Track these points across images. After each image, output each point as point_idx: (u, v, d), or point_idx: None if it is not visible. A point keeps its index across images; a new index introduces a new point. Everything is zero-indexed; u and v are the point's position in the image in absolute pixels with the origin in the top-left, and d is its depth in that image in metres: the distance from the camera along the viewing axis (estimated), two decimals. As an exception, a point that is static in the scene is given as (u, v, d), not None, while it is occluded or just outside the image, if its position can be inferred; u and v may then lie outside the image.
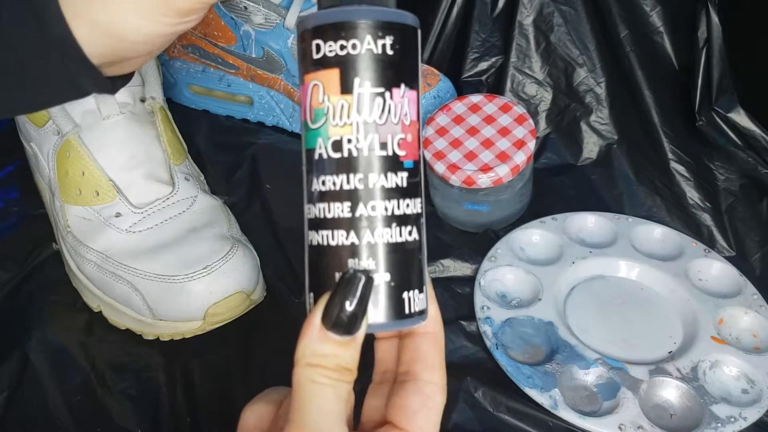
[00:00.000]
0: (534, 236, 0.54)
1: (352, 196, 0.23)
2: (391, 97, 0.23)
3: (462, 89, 0.63)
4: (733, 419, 0.41)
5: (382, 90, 0.23)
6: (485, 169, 0.51)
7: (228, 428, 0.43)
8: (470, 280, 0.51)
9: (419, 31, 0.25)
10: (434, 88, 0.60)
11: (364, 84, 0.23)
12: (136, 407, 0.44)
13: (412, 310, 0.24)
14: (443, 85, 0.60)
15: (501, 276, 0.51)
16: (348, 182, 0.23)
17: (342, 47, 0.23)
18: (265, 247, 0.51)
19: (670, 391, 0.43)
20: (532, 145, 0.52)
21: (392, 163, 0.24)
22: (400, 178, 0.24)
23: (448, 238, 0.54)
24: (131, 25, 0.26)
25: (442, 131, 0.54)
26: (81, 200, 0.48)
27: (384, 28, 0.23)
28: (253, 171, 0.61)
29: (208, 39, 0.61)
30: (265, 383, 0.45)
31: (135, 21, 0.26)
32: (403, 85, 0.24)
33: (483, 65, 0.65)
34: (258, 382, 0.45)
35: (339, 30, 0.23)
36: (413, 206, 0.24)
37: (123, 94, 0.50)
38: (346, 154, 0.23)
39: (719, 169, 0.57)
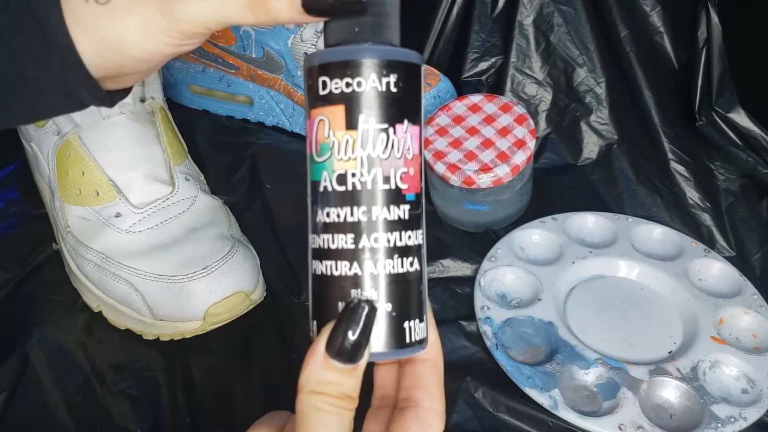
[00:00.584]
0: (534, 236, 0.54)
1: (355, 228, 0.24)
2: (395, 133, 0.24)
3: (462, 89, 0.63)
4: (733, 419, 0.41)
5: (385, 126, 0.24)
6: (485, 169, 0.51)
7: (228, 428, 0.43)
8: (470, 280, 0.51)
9: (422, 68, 0.26)
10: (434, 88, 0.60)
11: (369, 120, 0.24)
12: (136, 407, 0.44)
13: (413, 339, 0.25)
14: (443, 85, 0.60)
15: (501, 276, 0.51)
16: (352, 214, 0.24)
17: (348, 84, 0.24)
18: (265, 247, 0.51)
19: (670, 391, 0.43)
20: (532, 145, 0.52)
21: (395, 196, 0.24)
22: (403, 211, 0.25)
23: (448, 238, 0.54)
24: (135, 41, 0.26)
25: (442, 131, 0.54)
26: (81, 200, 0.48)
27: (388, 66, 0.24)
28: (253, 171, 0.61)
29: (208, 39, 0.61)
30: (265, 383, 0.45)
31: (139, 38, 0.26)
32: (406, 121, 0.25)
33: (483, 65, 0.65)
34: (258, 382, 0.45)
35: (345, 68, 0.24)
36: (415, 238, 0.25)
37: (123, 94, 0.50)
38: (350, 188, 0.24)
39: (719, 169, 0.57)
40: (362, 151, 0.24)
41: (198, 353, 0.47)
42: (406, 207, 0.25)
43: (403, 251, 0.25)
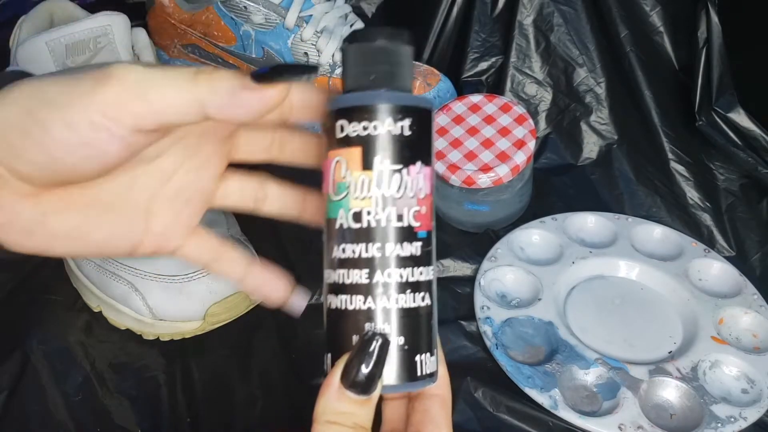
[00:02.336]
0: (534, 236, 0.54)
1: (370, 264, 0.25)
2: (408, 174, 0.25)
3: (462, 89, 0.63)
4: (733, 419, 0.41)
5: (399, 167, 0.25)
6: (485, 169, 0.51)
7: (228, 428, 0.43)
8: (470, 280, 0.51)
9: (434, 112, 0.27)
10: (434, 88, 0.60)
11: (384, 162, 0.25)
12: (136, 407, 0.44)
13: (424, 373, 0.26)
14: (443, 85, 0.60)
15: (501, 276, 0.51)
16: (367, 251, 0.25)
17: (364, 128, 0.25)
18: (265, 247, 0.51)
19: (670, 391, 0.43)
20: (532, 145, 0.52)
21: (408, 234, 0.25)
22: (415, 248, 0.25)
23: (448, 238, 0.54)
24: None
25: (442, 131, 0.54)
26: (81, 200, 0.48)
27: (403, 111, 0.25)
28: (253, 170, 0.61)
29: (208, 39, 0.61)
30: (265, 383, 0.45)
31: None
32: (418, 163, 0.26)
33: (483, 65, 0.65)
34: (258, 382, 0.45)
35: (362, 112, 0.25)
36: (426, 273, 0.26)
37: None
38: (365, 225, 0.25)
39: (719, 169, 0.57)
40: (377, 191, 0.25)
41: (198, 353, 0.47)
42: (419, 244, 0.25)
43: (415, 286, 0.25)
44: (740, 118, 0.54)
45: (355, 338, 0.25)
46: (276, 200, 0.31)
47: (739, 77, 0.55)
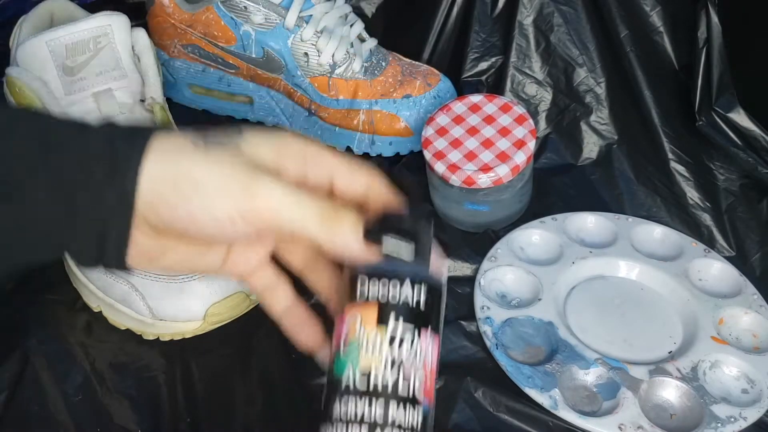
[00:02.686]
0: (534, 236, 0.54)
1: (370, 427, 0.25)
2: (419, 342, 0.26)
3: (462, 89, 0.63)
4: (733, 419, 0.41)
5: (411, 333, 0.26)
6: (485, 169, 0.51)
7: (228, 428, 0.43)
8: (470, 280, 0.51)
9: (444, 289, 0.29)
10: (434, 88, 0.60)
11: (398, 325, 0.26)
12: (136, 407, 0.44)
13: None
14: (443, 85, 0.60)
15: (501, 276, 0.51)
16: (369, 412, 0.25)
17: (384, 291, 0.26)
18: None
19: (670, 391, 0.43)
20: (532, 145, 0.52)
21: (412, 402, 0.26)
22: (415, 419, 0.26)
23: (448, 238, 0.54)
24: (208, 201, 0.28)
25: (442, 131, 0.54)
26: (81, 200, 0.48)
27: (421, 283, 0.27)
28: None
29: (208, 39, 0.61)
30: (265, 383, 0.45)
31: (213, 200, 0.28)
32: (430, 333, 0.27)
33: (483, 65, 0.65)
34: (258, 382, 0.45)
35: (384, 277, 0.26)
36: None
37: (123, 94, 0.49)
38: (371, 386, 0.26)
39: (719, 169, 0.57)
40: (389, 352, 0.26)
41: (198, 353, 0.47)
42: (420, 416, 0.26)
43: None
44: (740, 118, 0.54)
45: None
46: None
47: (739, 77, 0.55)
